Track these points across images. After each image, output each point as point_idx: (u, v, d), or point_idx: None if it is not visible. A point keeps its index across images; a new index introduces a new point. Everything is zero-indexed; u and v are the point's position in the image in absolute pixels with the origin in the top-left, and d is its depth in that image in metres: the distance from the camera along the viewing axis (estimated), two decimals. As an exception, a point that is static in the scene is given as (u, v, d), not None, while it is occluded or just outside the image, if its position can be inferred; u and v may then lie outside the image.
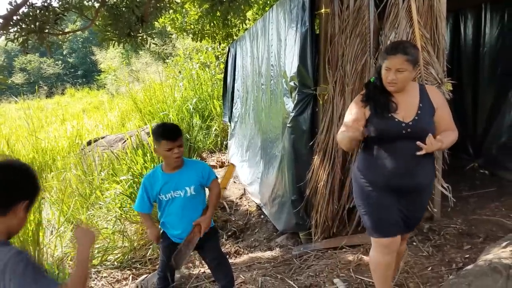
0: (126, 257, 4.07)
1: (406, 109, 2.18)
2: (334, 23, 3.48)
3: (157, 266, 3.92)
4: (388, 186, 2.18)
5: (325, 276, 2.97)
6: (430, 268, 2.89)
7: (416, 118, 2.15)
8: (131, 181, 4.45)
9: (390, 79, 2.13)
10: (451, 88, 3.54)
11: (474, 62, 5.23)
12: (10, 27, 3.54)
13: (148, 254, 4.06)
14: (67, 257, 3.94)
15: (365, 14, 3.47)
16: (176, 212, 2.54)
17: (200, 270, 3.58)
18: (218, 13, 7.42)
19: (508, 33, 4.74)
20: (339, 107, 3.50)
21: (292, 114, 3.57)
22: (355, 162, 2.45)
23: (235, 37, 8.34)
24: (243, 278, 3.16)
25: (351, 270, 2.99)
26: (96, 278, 3.74)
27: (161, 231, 2.69)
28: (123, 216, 4.49)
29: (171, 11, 7.37)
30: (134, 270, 3.90)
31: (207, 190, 2.70)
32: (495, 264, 2.23)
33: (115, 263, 4.02)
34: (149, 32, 4.52)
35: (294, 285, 2.88)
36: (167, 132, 2.44)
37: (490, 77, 5.00)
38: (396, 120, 2.15)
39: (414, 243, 3.27)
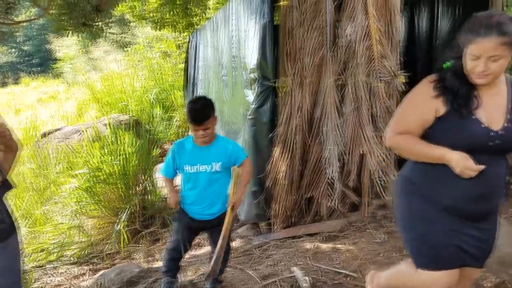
0: (83, 252, 3.99)
1: (492, 110, 1.61)
2: (293, 15, 3.50)
3: (116, 260, 3.87)
4: (455, 210, 1.67)
5: (284, 265, 3.03)
6: (383, 254, 3.00)
7: (507, 125, 1.59)
8: (88, 175, 4.33)
9: (480, 70, 1.53)
10: (404, 81, 3.66)
11: (428, 54, 5.41)
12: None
13: (105, 248, 4.00)
14: (22, 253, 3.81)
15: (322, 7, 3.51)
16: (200, 186, 2.51)
17: (161, 264, 3.56)
18: (178, 1, 7.32)
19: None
20: (298, 99, 3.54)
21: (253, 106, 3.59)
22: (404, 168, 1.86)
23: (196, 26, 8.22)
24: (204, 269, 3.17)
25: (308, 258, 3.06)
26: (52, 275, 3.64)
27: (179, 207, 2.62)
28: (80, 211, 4.38)
29: (129, -1, 7.20)
30: (91, 265, 3.82)
31: None
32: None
33: (72, 258, 3.94)
34: (106, 21, 4.40)
35: (253, 275, 2.92)
36: (192, 116, 2.40)
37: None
38: (483, 126, 1.58)
39: (368, 230, 3.40)
